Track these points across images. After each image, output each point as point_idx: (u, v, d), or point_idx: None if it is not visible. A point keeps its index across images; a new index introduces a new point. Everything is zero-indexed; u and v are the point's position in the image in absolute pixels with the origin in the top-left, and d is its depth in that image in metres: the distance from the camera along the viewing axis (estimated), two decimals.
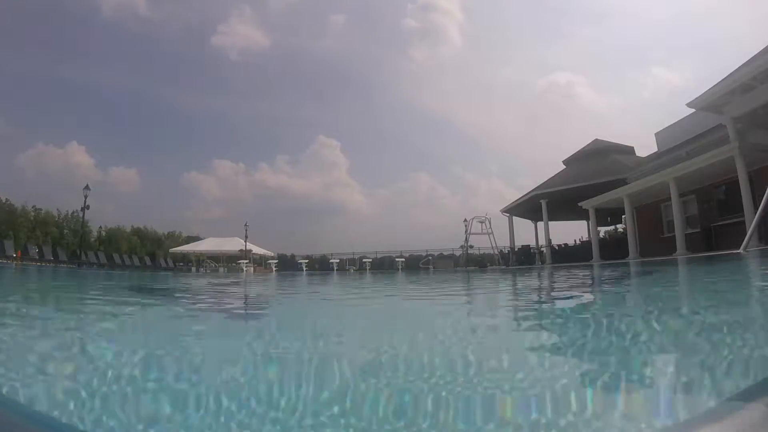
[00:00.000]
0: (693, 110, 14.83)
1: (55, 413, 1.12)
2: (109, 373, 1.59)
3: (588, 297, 5.18)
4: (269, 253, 31.82)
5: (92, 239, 33.34)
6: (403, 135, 49.20)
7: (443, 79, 45.51)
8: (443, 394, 1.26)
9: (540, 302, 4.88)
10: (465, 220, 26.56)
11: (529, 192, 22.67)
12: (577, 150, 24.04)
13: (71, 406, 1.16)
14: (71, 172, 36.82)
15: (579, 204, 19.43)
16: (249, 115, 45.87)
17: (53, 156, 37.52)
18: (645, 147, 22.20)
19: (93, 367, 1.76)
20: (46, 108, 37.28)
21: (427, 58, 40.46)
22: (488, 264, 25.76)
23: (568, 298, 5.07)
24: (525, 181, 49.79)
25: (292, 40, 41.08)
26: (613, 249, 19.12)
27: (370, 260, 29.16)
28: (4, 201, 29.54)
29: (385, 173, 52.39)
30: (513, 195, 42.93)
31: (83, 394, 1.25)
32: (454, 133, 47.38)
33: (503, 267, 23.21)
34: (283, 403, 1.19)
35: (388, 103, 47.24)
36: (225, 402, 1.20)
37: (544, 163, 46.82)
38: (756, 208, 9.80)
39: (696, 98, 13.69)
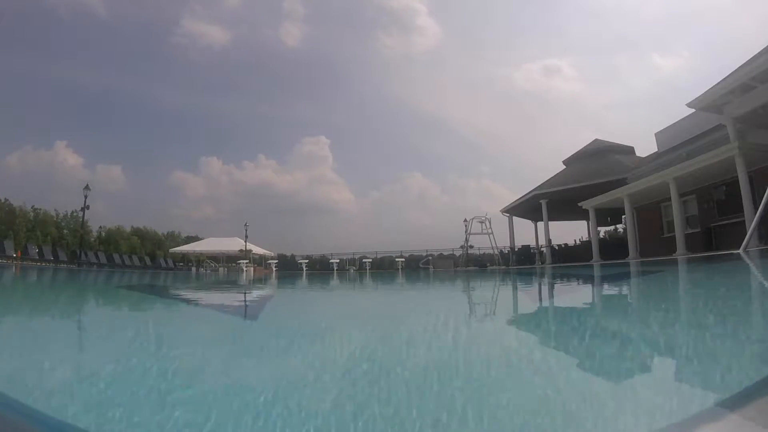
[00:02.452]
0: (693, 110, 14.82)
1: (55, 413, 1.12)
2: None
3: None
4: (269, 253, 31.81)
5: (92, 239, 33.34)
6: (395, 134, 49.23)
7: (435, 78, 45.50)
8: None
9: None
10: (465, 220, 26.57)
11: (529, 192, 22.67)
12: (577, 150, 24.07)
13: None
14: (58, 172, 36.94)
15: (579, 204, 19.43)
16: (237, 113, 45.96)
17: (40, 156, 37.60)
18: (644, 147, 22.27)
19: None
20: (31, 108, 37.08)
21: (414, 52, 40.43)
22: (488, 264, 25.75)
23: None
24: (519, 180, 49.77)
25: (271, 35, 40.82)
26: (613, 249, 19.12)
27: (370, 260, 29.16)
28: (3, 201, 29.54)
29: (377, 172, 52.19)
30: (504, 193, 43.11)
31: None
32: (447, 132, 47.21)
33: (503, 267, 23.21)
34: None
35: (379, 101, 47.26)
36: None
37: (537, 162, 46.51)
38: (756, 208, 9.80)
39: (696, 98, 13.68)
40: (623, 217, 19.99)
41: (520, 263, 23.16)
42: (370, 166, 51.18)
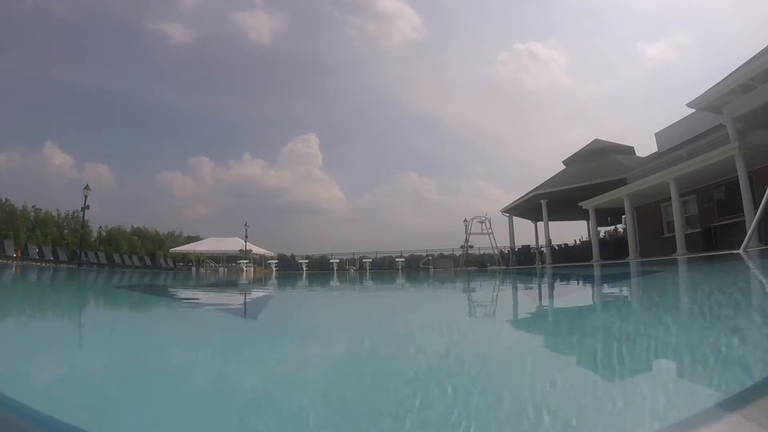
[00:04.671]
0: (693, 110, 14.84)
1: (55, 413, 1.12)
2: None
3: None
4: (269, 253, 31.81)
5: (92, 239, 33.31)
6: (388, 134, 48.86)
7: (426, 76, 45.29)
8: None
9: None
10: (465, 220, 26.59)
11: (529, 192, 22.69)
12: (577, 150, 24.10)
13: None
14: (46, 171, 36.86)
15: (579, 204, 19.44)
16: (226, 113, 45.71)
17: (27, 155, 37.48)
18: (644, 147, 22.29)
19: None
20: (17, 108, 36.79)
21: (406, 48, 40.18)
22: (488, 264, 25.76)
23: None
24: (513, 179, 49.47)
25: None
26: (613, 249, 19.13)
27: (370, 260, 29.17)
28: (4, 201, 29.54)
29: (370, 172, 51.79)
30: (498, 193, 43.03)
31: None
32: (440, 131, 46.58)
33: (503, 267, 23.21)
34: None
35: (370, 101, 47.03)
36: None
37: (531, 160, 46.17)
38: (756, 208, 9.80)
39: (696, 98, 13.69)
40: (623, 217, 20.00)
41: (520, 263, 23.16)
42: (364, 166, 50.74)
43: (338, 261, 28.82)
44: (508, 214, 25.26)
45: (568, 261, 20.76)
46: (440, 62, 44.46)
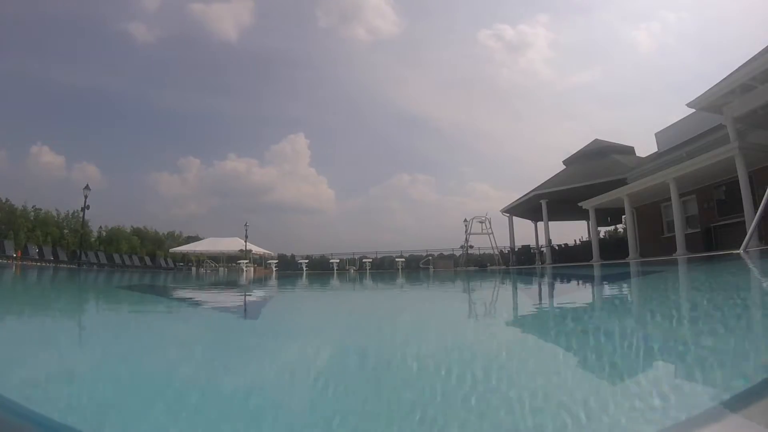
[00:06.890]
0: (693, 110, 14.83)
1: (55, 414, 1.12)
2: None
3: None
4: (269, 253, 31.80)
5: (92, 239, 33.29)
6: (380, 134, 48.64)
7: (417, 76, 45.09)
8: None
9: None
10: (465, 220, 26.59)
11: (529, 192, 22.69)
12: (577, 150, 24.11)
13: None
14: (35, 172, 36.74)
15: (579, 204, 19.44)
16: (218, 112, 45.77)
17: (15, 155, 37.34)
18: (643, 147, 22.29)
19: None
20: (5, 107, 36.43)
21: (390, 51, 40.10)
22: (488, 264, 25.76)
23: None
24: (507, 178, 49.42)
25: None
26: (613, 249, 19.13)
27: (370, 260, 29.17)
28: (4, 201, 29.51)
29: (364, 173, 51.63)
30: (491, 192, 42.93)
31: None
32: (432, 131, 46.27)
33: (503, 267, 23.21)
34: None
35: (363, 102, 46.97)
36: None
37: (525, 158, 45.87)
38: (756, 208, 9.80)
39: (696, 98, 13.69)
40: (623, 217, 20.00)
41: (520, 263, 23.16)
42: (358, 166, 50.60)
43: (338, 261, 28.81)
44: (507, 214, 25.26)
45: (568, 261, 20.76)
46: (429, 59, 44.42)
